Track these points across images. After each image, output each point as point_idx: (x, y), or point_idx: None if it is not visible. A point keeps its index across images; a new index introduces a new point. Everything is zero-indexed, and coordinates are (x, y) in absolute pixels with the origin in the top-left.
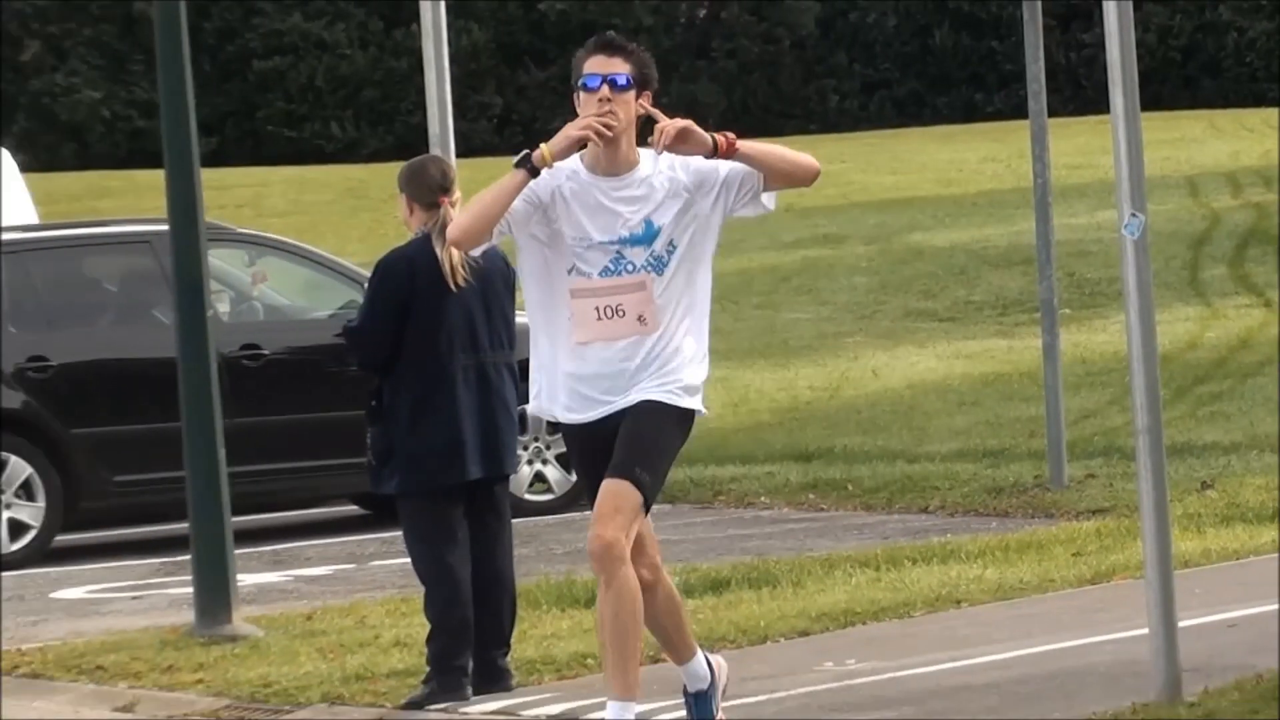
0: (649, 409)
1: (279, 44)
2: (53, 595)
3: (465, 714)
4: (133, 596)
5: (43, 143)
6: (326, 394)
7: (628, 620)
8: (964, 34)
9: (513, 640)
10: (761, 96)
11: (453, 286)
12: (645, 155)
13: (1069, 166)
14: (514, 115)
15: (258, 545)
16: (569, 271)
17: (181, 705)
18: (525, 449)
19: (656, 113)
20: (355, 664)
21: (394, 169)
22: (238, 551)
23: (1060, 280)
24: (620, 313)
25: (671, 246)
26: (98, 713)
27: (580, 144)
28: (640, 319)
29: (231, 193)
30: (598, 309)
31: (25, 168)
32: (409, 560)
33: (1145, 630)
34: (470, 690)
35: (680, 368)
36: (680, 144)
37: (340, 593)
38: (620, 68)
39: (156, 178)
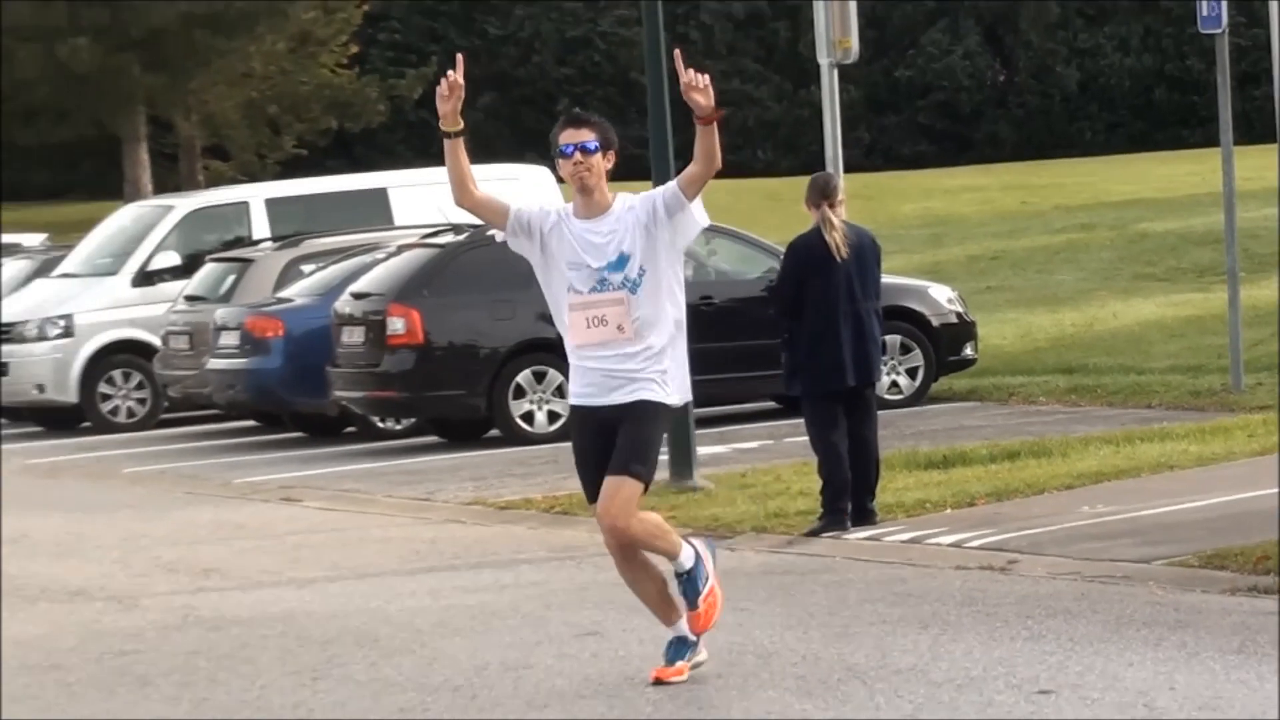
0: (640, 412)
1: (722, 99)
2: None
3: (845, 539)
4: None
5: None
6: (754, 329)
7: (649, 583)
8: (1175, 92)
9: (877, 491)
10: (1040, 133)
11: (837, 258)
12: (617, 200)
13: (1245, 179)
14: (876, 146)
15: (710, 428)
16: (567, 290)
17: None
18: (885, 365)
19: (680, 67)
20: (773, 506)
21: (799, 181)
22: (698, 431)
23: (1239, 254)
24: (604, 322)
25: (642, 271)
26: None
27: (445, 101)
28: (619, 328)
29: None
30: (587, 319)
31: (558, 181)
32: (808, 439)
33: None
34: (849, 524)
35: (660, 369)
36: (702, 91)
37: (763, 459)
38: (587, 135)
39: (645, 186)
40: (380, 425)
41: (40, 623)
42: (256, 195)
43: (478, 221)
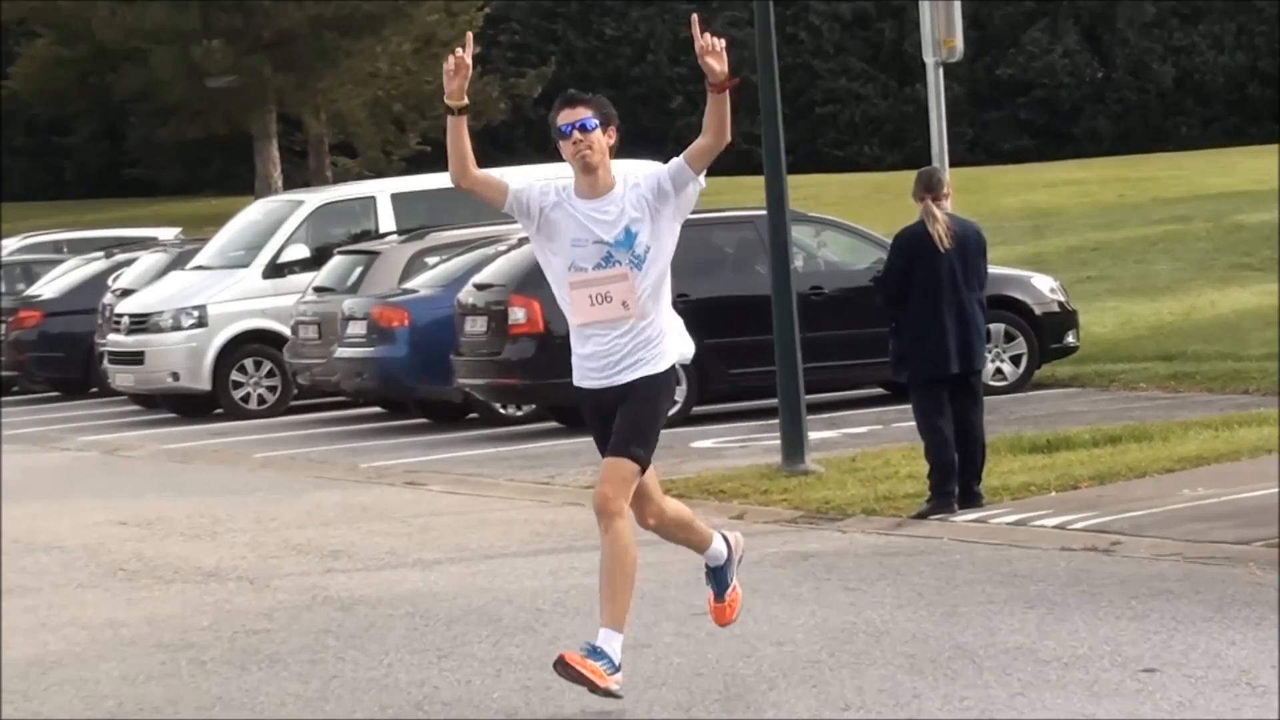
0: (640, 388)
1: (830, 96)
2: (691, 444)
3: (953, 521)
4: (741, 445)
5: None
6: (862, 318)
7: (617, 567)
8: (1267, 88)
9: (982, 474)
10: (1137, 128)
11: (941, 249)
12: (619, 179)
13: None
14: (979, 141)
15: (820, 414)
16: (569, 269)
17: (773, 515)
18: (990, 353)
19: (696, 31)
20: (883, 489)
21: (905, 175)
22: (809, 417)
23: None
24: (608, 299)
25: (647, 247)
26: (720, 519)
27: (452, 79)
28: (624, 304)
29: (802, 190)
30: (590, 296)
31: None
32: (915, 424)
33: None
34: (956, 506)
35: (659, 342)
36: (716, 55)
37: (872, 443)
38: (585, 113)
39: (758, 181)
40: (501, 411)
41: (175, 603)
42: (383, 190)
43: None
